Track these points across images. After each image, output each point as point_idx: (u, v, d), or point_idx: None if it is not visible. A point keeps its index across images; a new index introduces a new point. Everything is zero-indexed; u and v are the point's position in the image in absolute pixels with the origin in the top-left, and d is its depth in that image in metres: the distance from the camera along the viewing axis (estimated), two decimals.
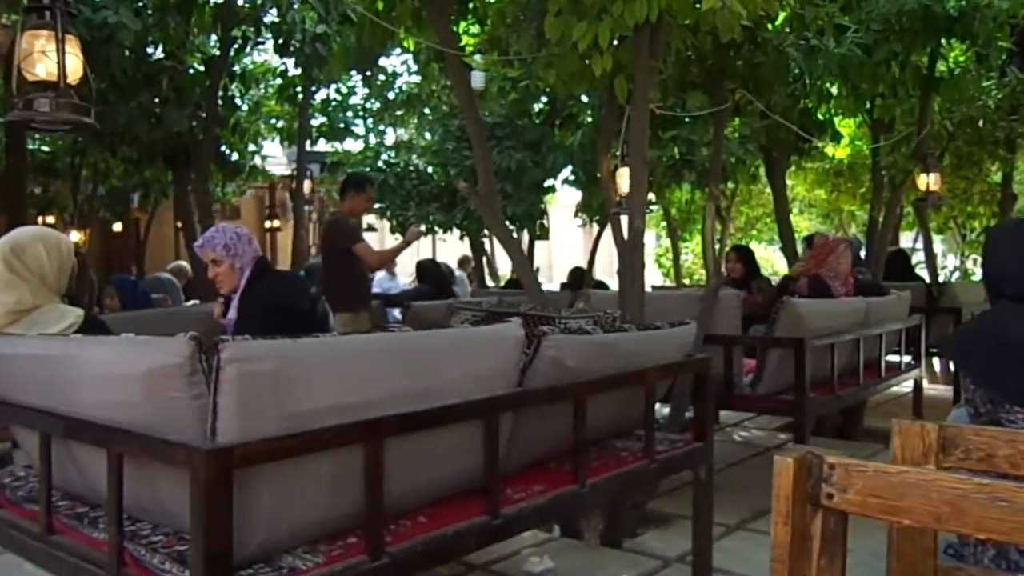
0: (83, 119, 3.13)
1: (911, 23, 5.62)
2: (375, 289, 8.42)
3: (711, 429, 3.07)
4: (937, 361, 8.52)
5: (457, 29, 6.10)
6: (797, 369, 4.10)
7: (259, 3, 6.77)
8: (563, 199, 11.61)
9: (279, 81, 9.26)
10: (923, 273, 9.24)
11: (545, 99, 8.19)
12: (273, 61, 9.13)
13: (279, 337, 1.82)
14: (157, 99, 6.26)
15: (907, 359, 5.53)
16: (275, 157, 12.76)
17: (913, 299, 5.76)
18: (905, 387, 5.96)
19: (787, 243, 7.15)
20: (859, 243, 7.71)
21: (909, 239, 13.46)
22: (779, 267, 13.72)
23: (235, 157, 8.23)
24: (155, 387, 1.79)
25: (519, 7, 4.57)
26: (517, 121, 7.92)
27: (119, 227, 12.48)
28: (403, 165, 8.60)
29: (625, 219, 3.89)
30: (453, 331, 2.76)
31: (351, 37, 6.26)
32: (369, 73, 10.04)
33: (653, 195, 6.57)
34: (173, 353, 1.77)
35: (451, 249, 11.64)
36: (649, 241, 11.56)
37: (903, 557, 1.51)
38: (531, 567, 3.17)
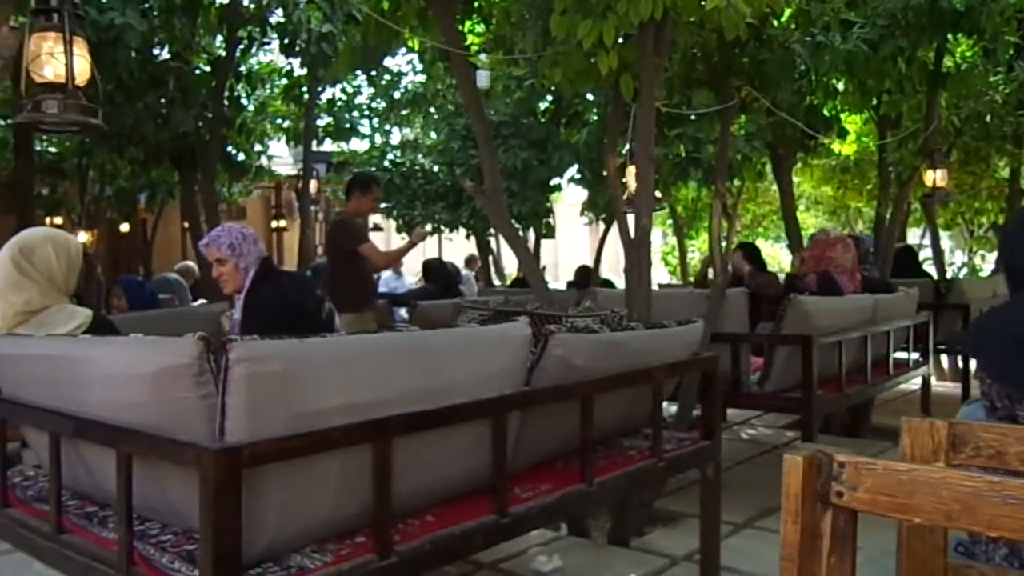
0: (91, 120, 3.15)
1: (917, 18, 5.59)
2: (381, 288, 8.45)
3: (718, 427, 3.07)
4: (945, 358, 8.49)
5: (462, 28, 6.09)
6: (805, 367, 4.08)
7: (265, 3, 6.79)
8: (569, 197, 11.61)
9: (285, 81, 9.29)
10: (931, 269, 9.20)
11: (551, 98, 8.19)
12: (279, 61, 9.17)
13: (285, 337, 1.82)
14: (163, 100, 6.28)
15: (915, 356, 5.51)
16: (281, 157, 12.81)
17: (921, 296, 5.74)
18: (913, 384, 5.94)
19: (794, 240, 7.13)
20: (868, 241, 7.67)
21: (916, 235, 13.42)
22: (785, 264, 13.68)
23: (241, 157, 8.27)
24: (164, 387, 1.80)
25: (524, 6, 4.56)
26: (523, 120, 7.92)
27: (126, 227, 12.53)
28: (409, 164, 8.61)
29: (632, 217, 3.88)
30: (460, 330, 2.76)
31: (356, 37, 6.27)
32: (375, 73, 10.05)
33: (659, 193, 6.54)
34: (181, 353, 1.77)
35: (457, 248, 11.65)
36: (655, 239, 11.52)
37: (913, 555, 1.50)
38: (539, 566, 3.16)
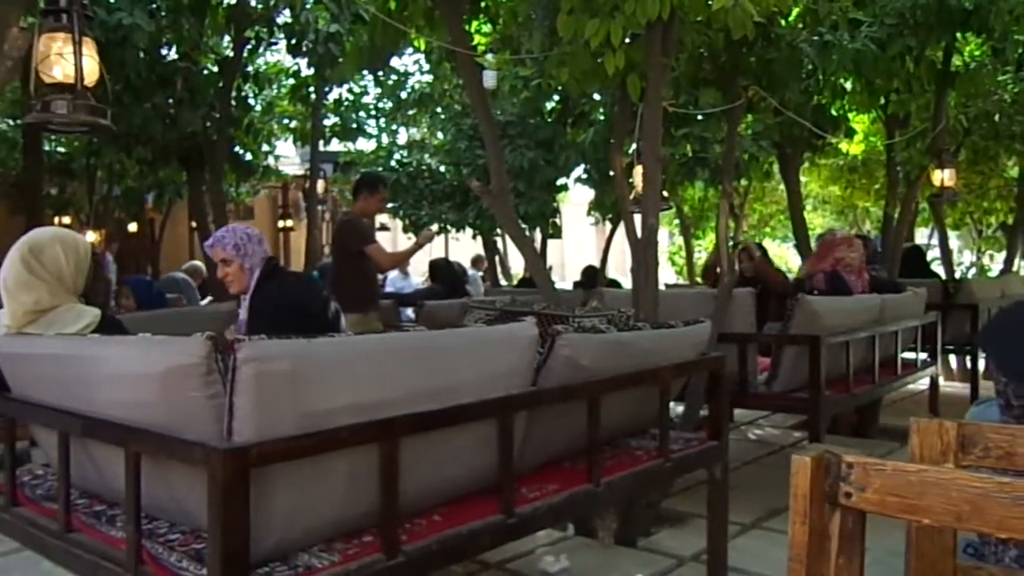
0: (99, 120, 3.15)
1: (926, 17, 5.57)
2: (388, 288, 8.46)
3: (726, 427, 3.06)
4: (953, 358, 8.46)
5: (469, 28, 6.10)
6: (812, 367, 4.07)
7: (272, 4, 6.79)
8: (575, 197, 11.59)
9: (292, 81, 9.29)
10: (939, 269, 9.17)
11: (557, 97, 8.18)
12: (286, 61, 9.17)
13: (292, 337, 1.83)
14: (171, 100, 6.30)
15: (923, 356, 5.49)
16: (288, 157, 12.83)
17: (929, 296, 5.72)
18: (921, 385, 5.92)
19: (801, 240, 7.11)
20: (876, 241, 7.64)
21: (924, 235, 13.36)
22: (793, 264, 13.65)
23: (249, 157, 8.29)
24: (172, 387, 1.80)
25: (531, 6, 4.56)
26: (529, 120, 7.92)
27: (134, 227, 12.58)
28: (416, 164, 8.62)
29: (639, 217, 3.88)
30: (467, 330, 2.76)
31: (363, 37, 6.27)
32: (381, 73, 10.06)
33: (666, 192, 6.53)
34: (190, 353, 1.78)
35: (464, 248, 11.66)
36: (662, 239, 11.51)
37: (922, 556, 1.49)
38: (546, 566, 3.16)
